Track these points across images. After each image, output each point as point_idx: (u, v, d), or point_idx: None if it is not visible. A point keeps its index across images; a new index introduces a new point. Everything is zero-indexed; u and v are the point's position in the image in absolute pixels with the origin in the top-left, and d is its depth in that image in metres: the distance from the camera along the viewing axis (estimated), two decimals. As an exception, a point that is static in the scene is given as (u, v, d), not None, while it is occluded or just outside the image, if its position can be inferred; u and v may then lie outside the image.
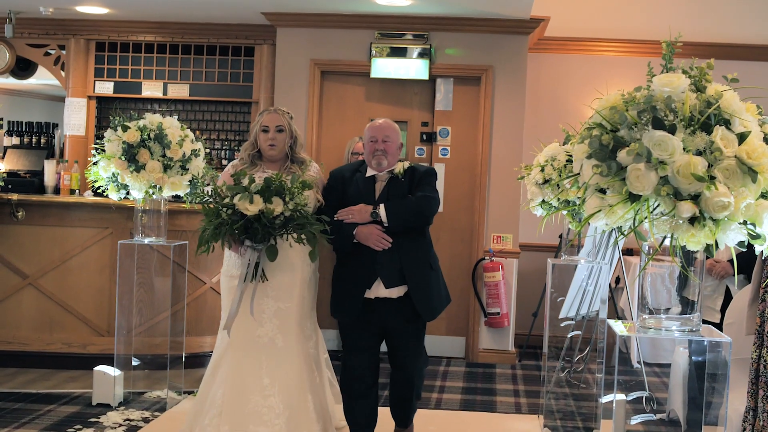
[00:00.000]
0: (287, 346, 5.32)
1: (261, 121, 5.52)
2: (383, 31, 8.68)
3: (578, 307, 7.26)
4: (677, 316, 3.41)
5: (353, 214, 5.26)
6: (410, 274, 5.31)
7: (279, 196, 4.85)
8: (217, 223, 4.87)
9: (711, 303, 6.67)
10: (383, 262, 5.29)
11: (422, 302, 5.34)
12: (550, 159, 6.05)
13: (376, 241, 5.24)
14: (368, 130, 5.47)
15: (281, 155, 5.50)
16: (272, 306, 5.31)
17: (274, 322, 5.31)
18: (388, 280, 5.31)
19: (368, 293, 5.32)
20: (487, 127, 8.68)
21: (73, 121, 9.34)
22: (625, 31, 9.34)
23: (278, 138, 5.46)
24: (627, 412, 6.36)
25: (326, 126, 8.88)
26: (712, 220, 2.97)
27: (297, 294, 5.37)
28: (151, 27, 9.26)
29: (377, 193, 5.38)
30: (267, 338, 5.30)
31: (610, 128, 3.15)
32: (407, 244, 5.33)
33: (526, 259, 9.25)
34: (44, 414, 6.20)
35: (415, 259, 5.36)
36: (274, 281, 5.26)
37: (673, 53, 3.25)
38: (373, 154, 5.39)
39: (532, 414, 6.80)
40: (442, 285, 5.56)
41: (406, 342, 5.47)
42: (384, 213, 5.24)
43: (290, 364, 5.30)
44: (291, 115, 5.61)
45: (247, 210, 4.78)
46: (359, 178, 5.44)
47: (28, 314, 7.47)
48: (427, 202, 5.34)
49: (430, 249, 5.54)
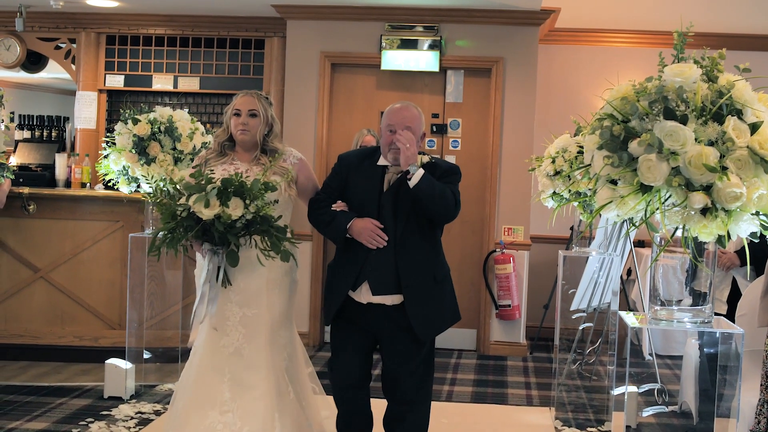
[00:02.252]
0: (255, 357, 4.76)
1: (234, 104, 4.98)
2: (393, 23, 8.66)
3: (590, 299, 7.26)
4: (689, 307, 3.40)
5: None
6: (407, 283, 4.60)
7: (239, 197, 4.33)
8: (171, 226, 4.39)
9: (718, 294, 6.64)
10: (374, 264, 4.63)
11: (418, 318, 4.60)
12: (561, 150, 6.03)
13: (368, 238, 4.60)
14: (387, 115, 4.73)
15: (254, 143, 4.93)
16: (237, 313, 4.77)
17: (239, 330, 4.77)
18: (376, 285, 4.64)
19: (356, 296, 4.68)
20: (498, 118, 8.65)
21: (84, 114, 9.35)
22: (636, 22, 9.31)
23: (251, 123, 4.89)
24: (639, 404, 6.35)
25: (336, 118, 8.86)
26: (725, 211, 2.96)
27: (265, 299, 4.81)
28: (162, 20, 9.26)
29: (385, 186, 4.69)
30: (232, 348, 4.75)
31: (621, 119, 3.14)
32: (409, 247, 4.64)
33: (538, 251, 9.23)
34: (56, 407, 6.22)
35: (415, 265, 4.63)
36: (239, 285, 4.74)
37: (685, 43, 3.23)
38: (390, 147, 4.66)
39: (544, 406, 6.79)
40: (447, 301, 4.79)
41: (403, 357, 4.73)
42: (420, 172, 4.50)
43: (257, 378, 4.74)
44: (269, 100, 5.06)
45: (202, 213, 4.28)
46: (368, 165, 4.77)
47: (39, 307, 7.49)
48: (453, 197, 4.61)
49: (438, 257, 4.80)
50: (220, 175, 4.57)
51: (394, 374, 4.78)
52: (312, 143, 8.69)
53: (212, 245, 4.47)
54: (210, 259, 4.56)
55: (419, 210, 4.59)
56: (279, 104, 9.00)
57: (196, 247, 4.64)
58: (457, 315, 4.87)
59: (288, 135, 8.79)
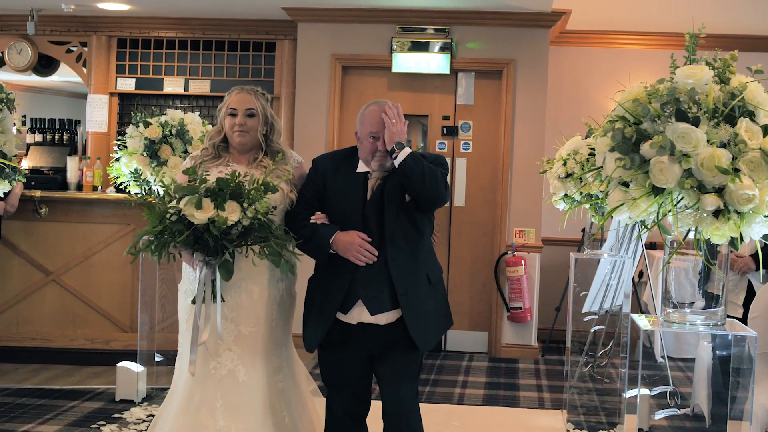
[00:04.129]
0: (251, 379, 4.33)
1: (228, 102, 4.46)
2: (404, 25, 8.66)
3: (601, 301, 7.24)
4: (701, 310, 3.39)
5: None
6: (404, 293, 4.16)
7: (235, 200, 3.88)
8: (158, 230, 3.93)
9: (733, 298, 6.61)
10: (365, 281, 4.18)
11: (419, 329, 4.19)
12: (573, 153, 6.02)
13: (356, 254, 4.13)
14: (364, 121, 4.24)
15: (252, 144, 4.45)
16: (232, 331, 4.32)
17: (234, 350, 4.32)
18: (373, 303, 4.18)
19: (346, 318, 4.24)
20: (509, 121, 8.64)
21: (95, 117, 9.37)
22: (647, 24, 9.29)
23: (248, 123, 4.40)
24: (651, 407, 6.34)
25: (347, 121, 8.86)
26: (737, 213, 2.94)
27: (264, 315, 4.38)
28: (172, 23, 9.28)
29: (369, 192, 4.24)
30: (225, 370, 4.31)
31: (633, 121, 3.13)
32: (400, 254, 4.20)
33: (549, 254, 9.22)
34: (68, 410, 6.23)
35: (410, 273, 4.21)
36: (235, 300, 4.30)
37: (697, 45, 3.23)
38: (374, 155, 4.20)
39: (556, 409, 6.77)
40: (441, 304, 4.39)
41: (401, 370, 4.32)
42: (407, 150, 4.08)
43: (254, 402, 4.32)
44: (267, 95, 4.55)
45: (193, 217, 3.82)
46: (348, 171, 4.30)
47: (51, 310, 7.50)
48: (444, 179, 4.18)
49: (429, 256, 4.37)
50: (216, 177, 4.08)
51: (392, 388, 4.32)
52: (323, 146, 8.68)
53: (204, 255, 3.99)
54: (201, 271, 4.07)
55: (410, 192, 4.14)
56: (290, 107, 9.02)
57: (185, 256, 4.21)
58: (449, 320, 4.47)
59: (299, 138, 8.80)
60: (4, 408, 6.19)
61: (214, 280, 4.07)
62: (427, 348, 4.29)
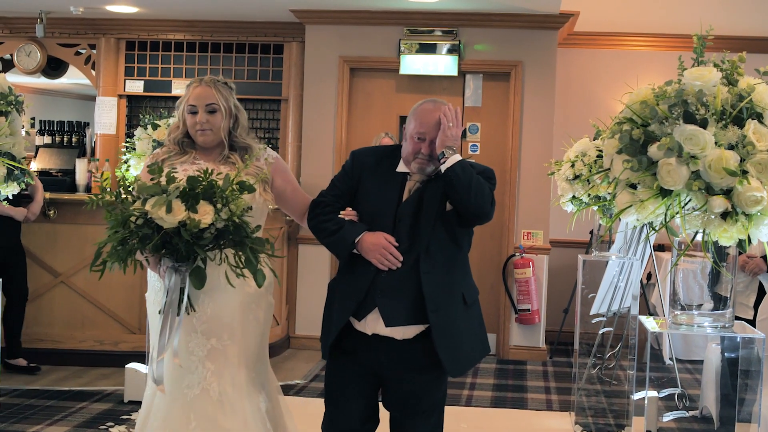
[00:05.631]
0: (227, 398, 3.86)
1: (187, 97, 4.04)
2: (412, 27, 8.66)
3: (609, 303, 7.23)
4: (709, 312, 3.38)
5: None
6: (435, 310, 3.75)
7: (209, 200, 3.43)
8: (121, 237, 3.48)
9: (744, 299, 6.61)
10: (385, 289, 3.79)
11: (448, 350, 3.77)
12: (581, 154, 6.02)
13: (379, 256, 3.76)
14: (416, 120, 3.85)
15: (218, 142, 4.05)
16: (204, 344, 3.86)
17: (207, 366, 3.85)
18: (389, 314, 3.79)
19: (360, 326, 3.86)
20: (517, 123, 8.64)
21: (104, 119, 9.39)
22: (655, 25, 9.28)
23: (211, 121, 3.99)
24: (659, 409, 6.33)
25: (355, 123, 8.87)
26: (745, 215, 2.94)
27: (239, 327, 3.92)
28: (181, 25, 9.29)
29: (405, 195, 3.89)
30: (198, 389, 3.83)
31: (640, 123, 3.13)
32: (435, 265, 3.81)
33: (557, 256, 9.21)
34: (76, 411, 6.24)
35: (444, 289, 3.82)
36: (206, 311, 3.85)
37: (705, 47, 3.22)
38: (415, 156, 3.83)
39: (564, 411, 6.77)
40: (477, 327, 3.97)
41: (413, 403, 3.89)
42: (457, 156, 3.74)
43: (234, 424, 3.86)
44: (230, 85, 4.13)
45: (162, 221, 3.37)
46: (387, 170, 3.95)
47: (60, 312, 7.52)
48: (491, 195, 3.87)
49: (466, 273, 4.00)
50: (183, 176, 3.61)
51: (402, 425, 3.96)
52: (331, 148, 8.69)
53: (173, 261, 3.52)
54: (170, 279, 3.58)
55: (453, 202, 3.79)
56: (298, 109, 9.03)
57: (151, 264, 3.76)
58: (486, 346, 4.04)
59: (307, 140, 8.82)
60: (14, 409, 6.21)
61: (183, 287, 3.59)
62: (458, 373, 3.88)
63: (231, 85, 4.12)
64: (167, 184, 3.43)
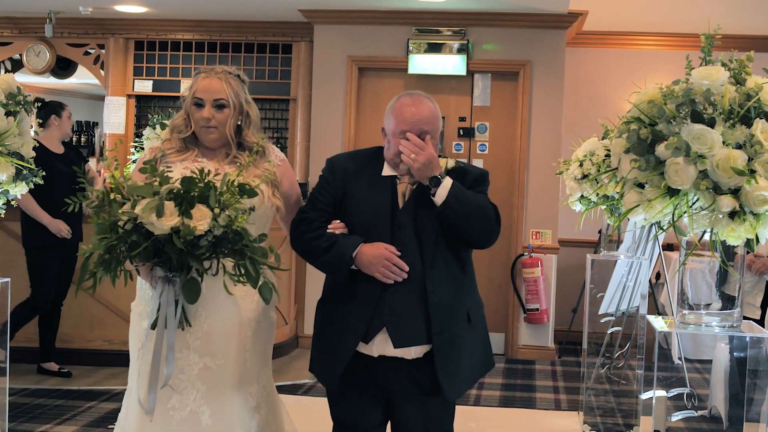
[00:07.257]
0: (218, 424, 3.50)
1: (193, 89, 3.68)
2: (420, 26, 8.67)
3: (618, 302, 7.22)
4: (718, 311, 3.37)
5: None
6: (439, 332, 3.46)
7: (205, 204, 3.03)
8: (108, 244, 3.06)
9: (751, 299, 6.59)
10: (393, 306, 3.46)
11: (447, 374, 3.49)
12: (589, 154, 6.01)
13: (383, 269, 3.41)
14: (396, 116, 3.55)
15: (225, 140, 3.68)
16: (196, 363, 3.50)
17: (198, 387, 3.50)
18: (399, 335, 3.46)
19: (366, 348, 3.52)
20: (525, 122, 8.64)
21: (113, 119, 9.41)
22: (663, 25, 9.27)
23: (218, 117, 3.63)
24: (668, 409, 6.32)
25: (363, 122, 8.88)
26: (753, 215, 2.93)
27: (235, 345, 3.56)
28: (189, 25, 9.31)
29: (399, 200, 3.55)
30: (186, 411, 3.48)
31: (648, 122, 3.12)
32: (438, 280, 3.50)
33: (566, 255, 9.20)
34: (85, 410, 6.25)
35: (449, 308, 3.51)
36: (201, 326, 3.51)
37: (712, 46, 3.21)
38: (400, 155, 3.48)
39: (572, 411, 6.77)
40: (479, 346, 3.68)
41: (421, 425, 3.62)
42: (447, 182, 3.41)
43: None
44: (242, 77, 3.76)
45: (153, 226, 2.98)
46: (372, 175, 3.62)
47: (69, 312, 7.52)
48: (495, 211, 3.57)
49: (473, 292, 3.69)
50: (180, 175, 3.18)
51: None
52: (339, 148, 8.70)
53: (166, 270, 3.17)
54: (163, 290, 3.23)
55: (450, 233, 3.51)
56: (306, 109, 9.04)
57: (143, 272, 3.39)
58: (490, 361, 3.77)
59: (315, 140, 8.82)
60: (23, 408, 6.23)
61: (177, 300, 3.24)
62: (455, 396, 3.58)
63: (243, 78, 3.75)
64: (160, 185, 3.06)
